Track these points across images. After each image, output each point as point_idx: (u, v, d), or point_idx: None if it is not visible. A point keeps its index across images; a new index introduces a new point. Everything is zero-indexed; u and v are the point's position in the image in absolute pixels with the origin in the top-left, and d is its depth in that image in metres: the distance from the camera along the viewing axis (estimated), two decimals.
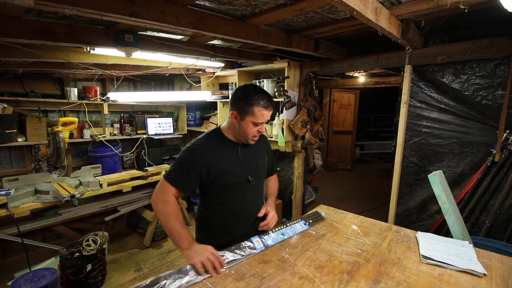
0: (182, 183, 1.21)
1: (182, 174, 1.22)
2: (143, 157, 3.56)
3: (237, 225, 1.35)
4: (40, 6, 1.14)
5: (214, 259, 1.08)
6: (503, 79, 1.97)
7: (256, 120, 1.23)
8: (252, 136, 1.28)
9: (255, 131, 1.26)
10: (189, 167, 1.23)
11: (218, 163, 1.25)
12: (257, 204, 1.41)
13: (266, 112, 1.24)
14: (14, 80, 2.88)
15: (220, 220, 1.35)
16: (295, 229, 1.41)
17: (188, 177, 1.22)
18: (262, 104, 1.22)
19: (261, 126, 1.27)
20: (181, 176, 1.22)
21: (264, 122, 1.27)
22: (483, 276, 1.04)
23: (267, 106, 1.24)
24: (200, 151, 1.25)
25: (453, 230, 1.75)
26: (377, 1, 1.45)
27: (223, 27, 1.74)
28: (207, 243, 1.35)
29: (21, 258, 2.83)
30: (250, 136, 1.27)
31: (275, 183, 1.61)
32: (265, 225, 1.33)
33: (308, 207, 3.64)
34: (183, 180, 1.22)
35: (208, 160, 1.24)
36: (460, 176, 2.22)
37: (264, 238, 1.29)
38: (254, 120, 1.23)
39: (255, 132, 1.26)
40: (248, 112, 1.22)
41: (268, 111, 1.24)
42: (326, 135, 6.51)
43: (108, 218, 3.29)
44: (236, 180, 1.31)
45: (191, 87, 4.08)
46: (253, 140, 1.30)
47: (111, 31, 1.86)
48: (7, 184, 2.54)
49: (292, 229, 1.40)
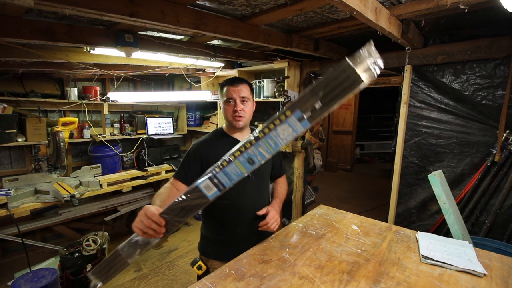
0: (182, 174, 1.31)
1: (183, 167, 1.33)
2: (143, 157, 3.56)
3: (237, 220, 1.37)
4: (40, 6, 1.14)
5: (146, 220, 0.87)
6: (503, 79, 1.97)
7: (226, 96, 1.32)
8: (232, 115, 1.32)
9: (230, 109, 1.32)
10: (190, 159, 1.33)
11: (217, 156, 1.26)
12: (257, 201, 1.41)
13: (232, 87, 1.31)
14: (14, 80, 2.88)
15: (221, 215, 1.38)
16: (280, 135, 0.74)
17: (189, 168, 1.31)
18: (228, 83, 1.33)
19: (236, 104, 1.30)
20: (182, 169, 1.33)
21: (236, 99, 1.30)
22: (483, 276, 1.04)
23: (233, 82, 1.32)
24: (201, 145, 1.36)
25: (453, 230, 1.75)
26: (377, 1, 1.45)
27: (223, 27, 1.75)
28: (211, 238, 1.42)
29: (21, 258, 2.83)
30: (229, 116, 1.32)
31: (283, 187, 1.58)
32: (265, 225, 1.30)
33: (308, 207, 3.64)
34: (184, 172, 1.31)
35: (207, 153, 1.32)
36: (460, 176, 2.23)
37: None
38: (225, 98, 1.32)
39: (230, 111, 1.32)
40: (222, 95, 1.35)
41: (234, 86, 1.31)
42: (326, 135, 6.52)
43: (108, 218, 3.29)
44: None
45: (191, 87, 4.08)
46: (236, 119, 1.32)
47: (111, 31, 1.86)
48: (7, 184, 2.54)
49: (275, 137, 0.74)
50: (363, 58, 0.64)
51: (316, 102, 0.68)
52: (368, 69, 0.64)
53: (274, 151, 0.75)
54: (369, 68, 0.64)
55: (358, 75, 0.64)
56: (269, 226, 1.29)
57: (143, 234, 0.86)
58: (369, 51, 0.65)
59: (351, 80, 0.65)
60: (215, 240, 1.40)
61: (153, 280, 2.67)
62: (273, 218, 1.31)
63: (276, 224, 1.32)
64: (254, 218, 1.38)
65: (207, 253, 1.41)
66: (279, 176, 1.60)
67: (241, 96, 1.30)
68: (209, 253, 1.41)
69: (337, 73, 0.66)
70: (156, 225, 0.85)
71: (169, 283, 2.63)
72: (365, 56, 0.64)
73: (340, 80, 0.66)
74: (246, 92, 1.32)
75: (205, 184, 0.83)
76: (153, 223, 0.85)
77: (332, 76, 0.67)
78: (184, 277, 2.71)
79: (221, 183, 0.83)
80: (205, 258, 1.41)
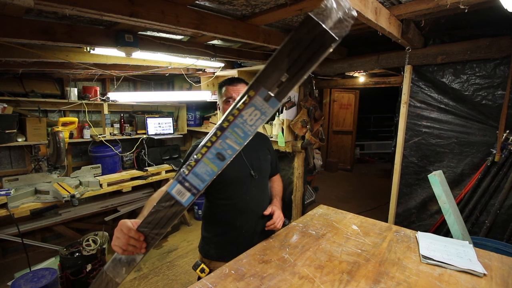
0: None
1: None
2: (143, 157, 3.56)
3: (241, 220, 1.35)
4: (40, 6, 1.14)
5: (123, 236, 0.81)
6: (503, 79, 1.97)
7: (225, 96, 1.32)
8: None
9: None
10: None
11: None
12: (261, 199, 1.42)
13: (231, 87, 1.32)
14: (14, 80, 2.88)
15: (224, 216, 1.36)
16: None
17: None
18: (227, 83, 1.34)
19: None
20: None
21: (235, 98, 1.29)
22: (483, 276, 1.04)
23: (232, 82, 1.34)
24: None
25: (453, 230, 1.75)
26: (377, 1, 1.45)
27: (223, 27, 1.75)
28: (213, 240, 1.40)
29: (21, 258, 2.83)
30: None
31: (279, 184, 1.61)
32: (272, 225, 1.32)
33: (308, 207, 3.64)
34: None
35: None
36: (460, 176, 2.22)
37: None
38: (224, 98, 1.33)
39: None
40: (221, 96, 1.36)
41: (233, 86, 1.32)
42: (326, 135, 6.52)
43: (108, 218, 3.29)
44: (238, 174, 1.34)
45: (191, 87, 4.08)
46: None
47: (111, 31, 1.86)
48: (7, 184, 2.54)
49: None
50: (330, 9, 0.51)
51: (281, 75, 0.57)
52: (339, 21, 0.52)
53: (244, 141, 0.64)
54: (340, 20, 0.52)
55: (328, 32, 0.52)
56: (275, 225, 1.31)
57: (123, 252, 0.79)
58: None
59: (320, 40, 0.53)
60: (218, 241, 1.39)
61: (153, 280, 2.67)
62: (279, 217, 1.34)
63: (281, 221, 1.36)
64: (258, 217, 1.38)
65: (210, 255, 1.39)
66: (274, 174, 1.61)
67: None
68: (212, 255, 1.39)
69: (301, 34, 0.53)
70: (135, 241, 0.76)
71: (169, 283, 2.63)
72: (331, 6, 0.51)
73: (307, 43, 0.54)
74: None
75: (177, 189, 0.70)
76: (131, 239, 0.77)
77: (296, 39, 0.54)
78: (184, 277, 2.71)
79: (193, 186, 0.69)
80: (207, 260, 1.39)
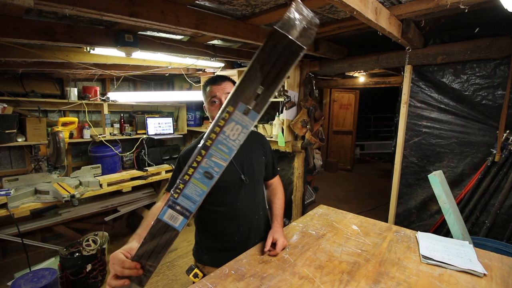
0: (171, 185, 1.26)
1: (174, 178, 1.28)
2: (143, 157, 3.56)
3: (232, 227, 1.29)
4: (40, 6, 1.15)
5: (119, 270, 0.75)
6: (503, 79, 1.97)
7: (210, 96, 1.24)
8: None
9: (216, 110, 1.23)
10: (179, 168, 1.29)
11: None
12: (253, 205, 1.34)
13: (215, 86, 1.23)
14: (14, 80, 2.88)
15: (215, 222, 1.30)
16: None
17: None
18: (210, 82, 1.25)
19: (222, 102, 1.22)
20: (173, 179, 1.29)
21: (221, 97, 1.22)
22: (483, 276, 1.03)
23: (215, 81, 1.25)
24: (190, 152, 1.26)
25: (453, 230, 1.75)
26: (377, 1, 1.45)
27: (223, 27, 1.75)
28: (207, 245, 1.35)
29: (21, 258, 2.83)
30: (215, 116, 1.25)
31: (281, 197, 1.43)
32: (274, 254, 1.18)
33: (308, 207, 3.64)
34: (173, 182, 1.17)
35: None
36: (460, 176, 2.22)
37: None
38: (209, 98, 1.24)
39: (217, 111, 1.19)
40: (205, 97, 1.27)
41: (217, 85, 1.23)
42: (326, 135, 6.52)
43: (108, 218, 3.29)
44: (228, 179, 1.25)
45: (191, 87, 4.08)
46: None
47: (111, 31, 1.86)
48: (7, 184, 2.54)
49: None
50: (294, 20, 0.56)
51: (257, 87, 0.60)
52: (304, 30, 0.56)
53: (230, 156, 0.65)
54: (304, 29, 0.56)
55: (295, 42, 0.56)
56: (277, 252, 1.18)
57: (123, 284, 0.74)
58: (298, 10, 0.56)
59: (289, 51, 0.57)
60: (211, 247, 1.33)
61: (153, 280, 2.67)
62: (282, 246, 1.19)
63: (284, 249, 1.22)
64: (251, 223, 1.31)
65: (203, 260, 1.35)
66: (272, 177, 1.47)
67: (226, 93, 1.22)
68: (205, 260, 1.34)
69: (270, 48, 0.57)
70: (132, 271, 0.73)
71: (169, 283, 2.62)
72: (295, 17, 0.56)
73: (276, 54, 0.58)
74: (231, 88, 1.21)
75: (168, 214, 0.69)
76: (127, 270, 0.73)
77: (266, 53, 0.58)
78: (184, 277, 2.71)
79: (185, 208, 0.69)
80: (201, 265, 1.35)
